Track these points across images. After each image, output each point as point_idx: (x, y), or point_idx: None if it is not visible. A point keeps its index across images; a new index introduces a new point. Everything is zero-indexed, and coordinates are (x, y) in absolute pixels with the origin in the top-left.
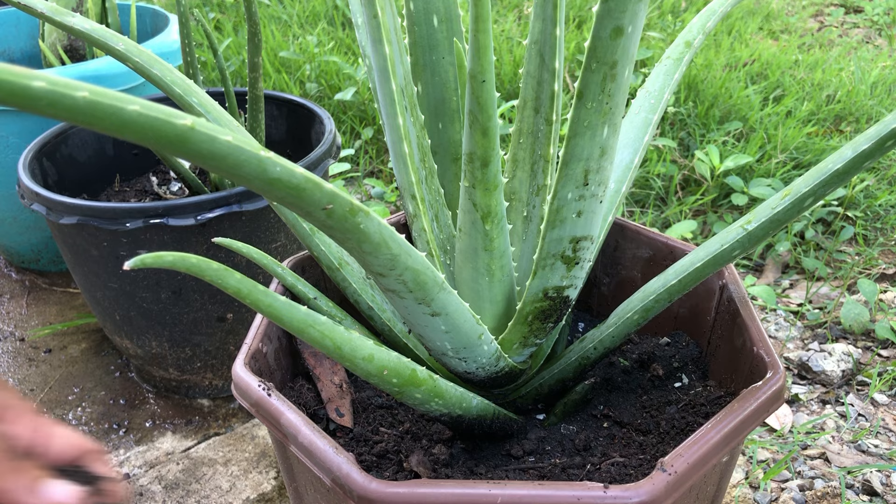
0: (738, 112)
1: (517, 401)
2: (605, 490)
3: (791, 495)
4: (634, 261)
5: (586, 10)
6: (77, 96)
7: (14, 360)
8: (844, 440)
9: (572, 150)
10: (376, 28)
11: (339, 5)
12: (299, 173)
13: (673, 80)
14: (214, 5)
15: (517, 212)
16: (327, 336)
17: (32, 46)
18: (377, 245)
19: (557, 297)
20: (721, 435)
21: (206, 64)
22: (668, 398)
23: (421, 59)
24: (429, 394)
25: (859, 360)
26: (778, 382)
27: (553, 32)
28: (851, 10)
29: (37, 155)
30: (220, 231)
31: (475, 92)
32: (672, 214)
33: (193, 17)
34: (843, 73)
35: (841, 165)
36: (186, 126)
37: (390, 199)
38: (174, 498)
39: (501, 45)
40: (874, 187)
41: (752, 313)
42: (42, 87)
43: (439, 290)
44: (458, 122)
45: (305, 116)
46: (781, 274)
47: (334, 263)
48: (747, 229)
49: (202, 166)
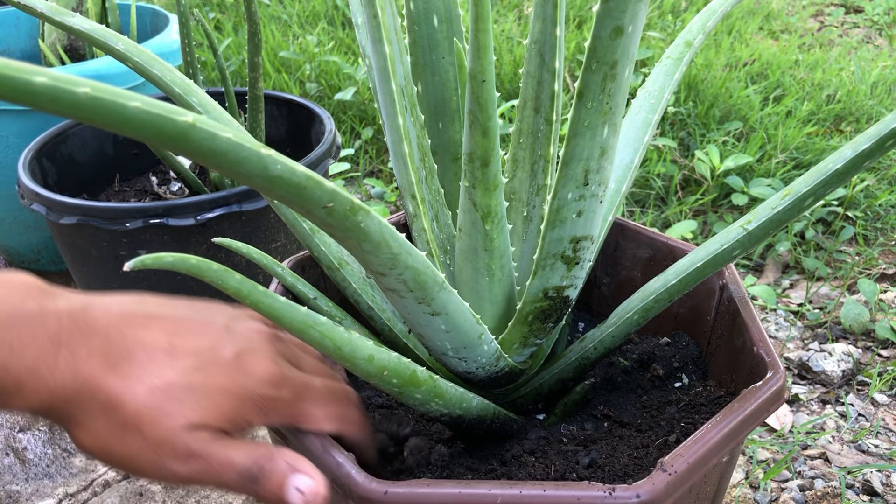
0: (739, 112)
1: (517, 401)
2: (605, 490)
3: (791, 495)
4: (634, 261)
5: (586, 10)
6: (79, 92)
7: None
8: (844, 440)
9: (572, 149)
10: (376, 28)
11: (339, 5)
12: (300, 171)
13: (673, 80)
14: (214, 5)
15: (517, 212)
16: (327, 336)
17: (32, 46)
18: (378, 244)
19: (557, 297)
20: (721, 435)
21: (206, 64)
22: (668, 398)
23: (421, 58)
24: (429, 394)
25: (859, 360)
26: (778, 382)
27: (553, 32)
28: (851, 10)
29: (37, 155)
30: (220, 231)
31: (475, 92)
32: (672, 214)
33: (193, 17)
34: (844, 72)
35: (841, 165)
36: (188, 123)
37: (390, 198)
38: (174, 498)
39: (501, 44)
40: (874, 187)
41: (753, 313)
42: (44, 83)
43: (439, 290)
44: (458, 121)
45: (305, 116)
46: (781, 274)
47: (334, 263)
48: (747, 229)
49: (203, 164)
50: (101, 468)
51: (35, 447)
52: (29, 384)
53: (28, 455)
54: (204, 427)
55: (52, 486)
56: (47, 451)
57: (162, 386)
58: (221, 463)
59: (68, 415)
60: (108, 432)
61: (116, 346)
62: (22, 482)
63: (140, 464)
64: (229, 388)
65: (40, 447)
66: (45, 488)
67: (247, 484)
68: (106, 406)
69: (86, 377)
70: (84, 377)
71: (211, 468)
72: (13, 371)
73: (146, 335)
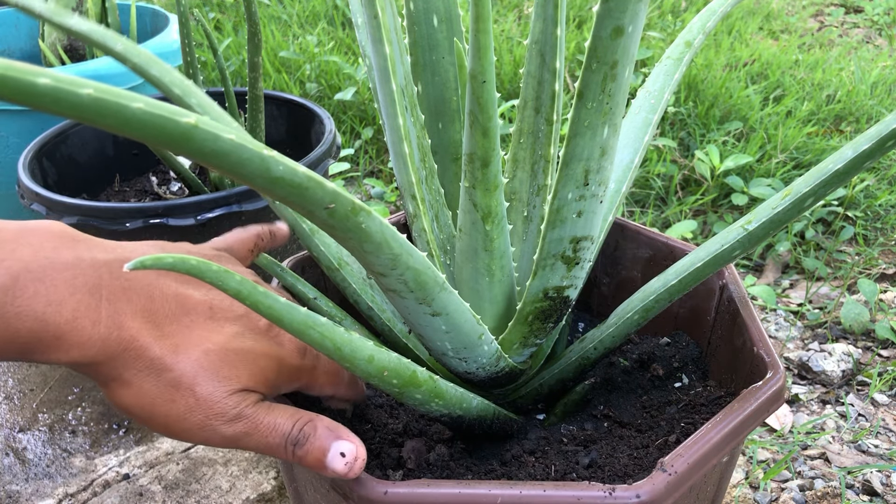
0: (739, 112)
1: (517, 401)
2: (605, 490)
3: (791, 495)
4: (634, 261)
5: (586, 10)
6: (82, 93)
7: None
8: (844, 440)
9: (573, 150)
10: (377, 28)
11: (339, 5)
12: (301, 172)
13: (673, 80)
14: (214, 5)
15: (517, 212)
16: (327, 337)
17: (32, 46)
18: (379, 245)
19: (558, 297)
20: (721, 435)
21: (206, 64)
22: (668, 398)
23: (421, 58)
24: (429, 394)
25: (859, 360)
26: (778, 382)
27: (554, 32)
28: (851, 10)
29: (37, 155)
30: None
31: (475, 92)
32: (672, 214)
33: (193, 17)
34: (844, 73)
35: (841, 165)
36: (190, 124)
37: (390, 199)
38: (174, 498)
39: (501, 45)
40: (874, 187)
41: (753, 313)
42: (47, 84)
43: (440, 290)
44: (458, 122)
45: (305, 116)
46: (781, 274)
47: (333, 264)
48: (747, 229)
49: (205, 165)
50: (101, 468)
51: (35, 447)
52: (70, 337)
53: (28, 455)
54: (252, 391)
55: (52, 486)
56: (47, 451)
57: (216, 350)
58: (268, 426)
59: (111, 371)
60: (156, 392)
61: (159, 306)
62: (22, 482)
63: (186, 424)
64: (270, 355)
65: (40, 447)
66: (45, 488)
67: (289, 447)
68: (156, 366)
69: (133, 335)
70: (131, 335)
71: (257, 430)
72: (52, 324)
73: (186, 294)
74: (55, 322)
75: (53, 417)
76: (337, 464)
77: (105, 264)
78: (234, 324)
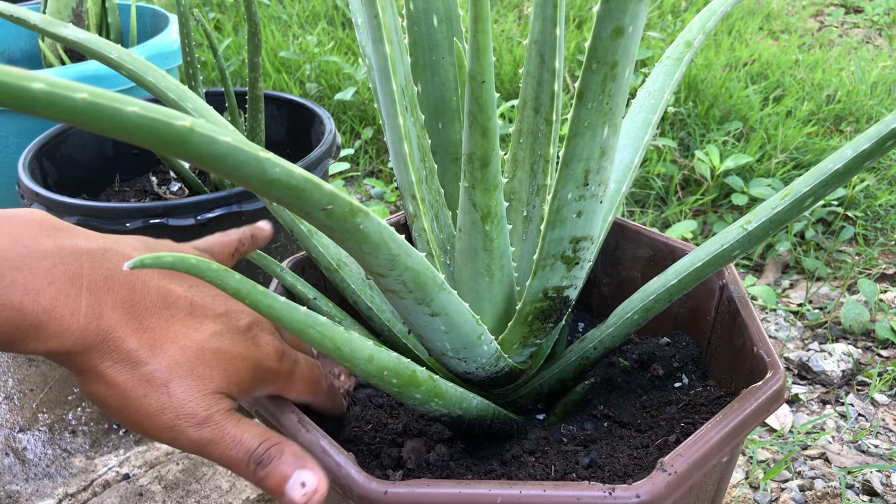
0: (738, 112)
1: (517, 401)
2: (605, 490)
3: (791, 495)
4: (634, 261)
5: (586, 10)
6: (76, 98)
7: (14, 359)
8: (844, 440)
9: (572, 150)
10: (377, 28)
11: (339, 5)
12: (298, 174)
13: (673, 80)
14: (214, 5)
15: (517, 212)
16: (327, 336)
17: (32, 46)
18: (377, 246)
19: (557, 297)
20: (721, 435)
21: (206, 64)
22: (668, 398)
23: (421, 58)
24: (429, 394)
25: (859, 360)
26: (778, 382)
27: (553, 32)
28: (851, 10)
29: (37, 155)
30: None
31: (475, 92)
32: (672, 214)
33: (193, 17)
34: (843, 73)
35: (841, 165)
36: (185, 127)
37: (390, 199)
38: (174, 498)
39: (501, 45)
40: (874, 187)
41: (752, 313)
42: (41, 89)
43: (439, 291)
44: (458, 122)
45: (305, 116)
46: (781, 274)
47: (332, 265)
48: (747, 229)
49: (201, 167)
50: (100, 468)
51: (35, 447)
52: (48, 326)
53: (28, 455)
54: (226, 394)
55: (52, 486)
56: (47, 451)
57: (192, 347)
58: (234, 438)
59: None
60: (129, 386)
61: (140, 297)
62: (22, 482)
63: (155, 422)
64: (247, 357)
65: (40, 447)
66: (45, 488)
67: (250, 466)
68: (131, 359)
69: (112, 325)
70: (109, 325)
71: (223, 440)
72: (30, 313)
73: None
74: (33, 311)
75: (53, 417)
76: (295, 493)
77: (87, 253)
78: (214, 322)
